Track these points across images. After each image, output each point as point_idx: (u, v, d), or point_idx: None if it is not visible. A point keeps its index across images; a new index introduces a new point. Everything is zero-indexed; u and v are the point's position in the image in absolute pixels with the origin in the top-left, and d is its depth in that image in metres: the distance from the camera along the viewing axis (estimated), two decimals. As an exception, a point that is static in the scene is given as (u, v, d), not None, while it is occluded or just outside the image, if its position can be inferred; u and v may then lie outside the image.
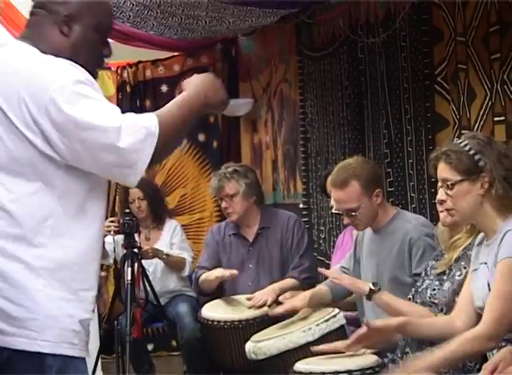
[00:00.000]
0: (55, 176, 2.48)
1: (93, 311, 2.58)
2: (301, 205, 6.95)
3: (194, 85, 2.68)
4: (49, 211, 2.46)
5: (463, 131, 4.60)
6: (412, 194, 5.29)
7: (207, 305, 5.08)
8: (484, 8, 4.47)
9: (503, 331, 3.08)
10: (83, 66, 2.56)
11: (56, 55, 2.55)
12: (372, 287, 3.82)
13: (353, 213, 4.20)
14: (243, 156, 8.13)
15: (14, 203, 2.45)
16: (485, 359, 3.17)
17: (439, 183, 3.33)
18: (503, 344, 3.09)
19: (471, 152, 3.17)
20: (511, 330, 3.09)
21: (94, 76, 2.60)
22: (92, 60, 2.66)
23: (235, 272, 5.05)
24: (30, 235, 2.45)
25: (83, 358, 2.54)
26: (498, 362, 2.78)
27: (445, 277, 3.67)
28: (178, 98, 2.67)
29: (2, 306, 2.41)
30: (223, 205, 5.33)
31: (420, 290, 3.78)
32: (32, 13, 2.67)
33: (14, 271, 2.43)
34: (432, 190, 4.81)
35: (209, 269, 5.33)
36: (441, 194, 3.43)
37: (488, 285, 3.14)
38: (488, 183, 3.15)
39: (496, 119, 4.44)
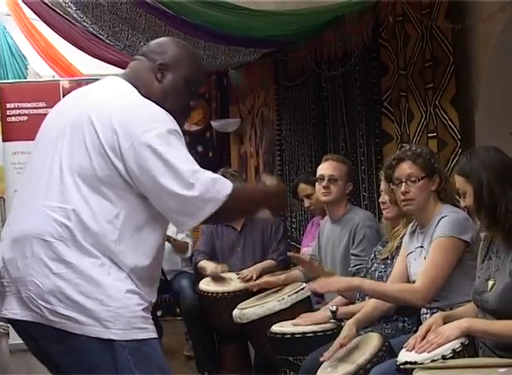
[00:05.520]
0: (130, 201, 2.29)
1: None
2: (278, 202, 6.91)
3: (274, 189, 2.56)
4: (120, 228, 2.27)
5: (403, 144, 4.57)
6: (364, 194, 5.26)
7: (203, 280, 5.05)
8: (420, 47, 4.46)
9: (432, 293, 3.09)
10: (168, 112, 2.36)
11: (148, 97, 2.39)
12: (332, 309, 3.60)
13: (333, 181, 4.19)
14: (232, 163, 8.12)
15: (92, 218, 2.26)
16: (420, 323, 3.16)
17: (393, 183, 3.28)
18: (435, 310, 3.09)
19: (428, 157, 3.23)
20: (437, 296, 3.10)
21: (180, 123, 2.39)
22: (178, 108, 2.44)
23: (224, 268, 5.03)
24: (102, 242, 2.26)
25: (155, 338, 2.32)
26: (431, 324, 2.76)
27: (389, 262, 3.65)
28: (258, 191, 2.60)
29: (78, 300, 2.23)
30: None
31: (370, 271, 3.76)
32: (135, 59, 2.55)
33: (89, 268, 2.25)
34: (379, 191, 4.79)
35: (205, 253, 5.32)
36: (382, 198, 3.54)
37: None
38: (439, 181, 3.21)
39: (429, 135, 4.42)
